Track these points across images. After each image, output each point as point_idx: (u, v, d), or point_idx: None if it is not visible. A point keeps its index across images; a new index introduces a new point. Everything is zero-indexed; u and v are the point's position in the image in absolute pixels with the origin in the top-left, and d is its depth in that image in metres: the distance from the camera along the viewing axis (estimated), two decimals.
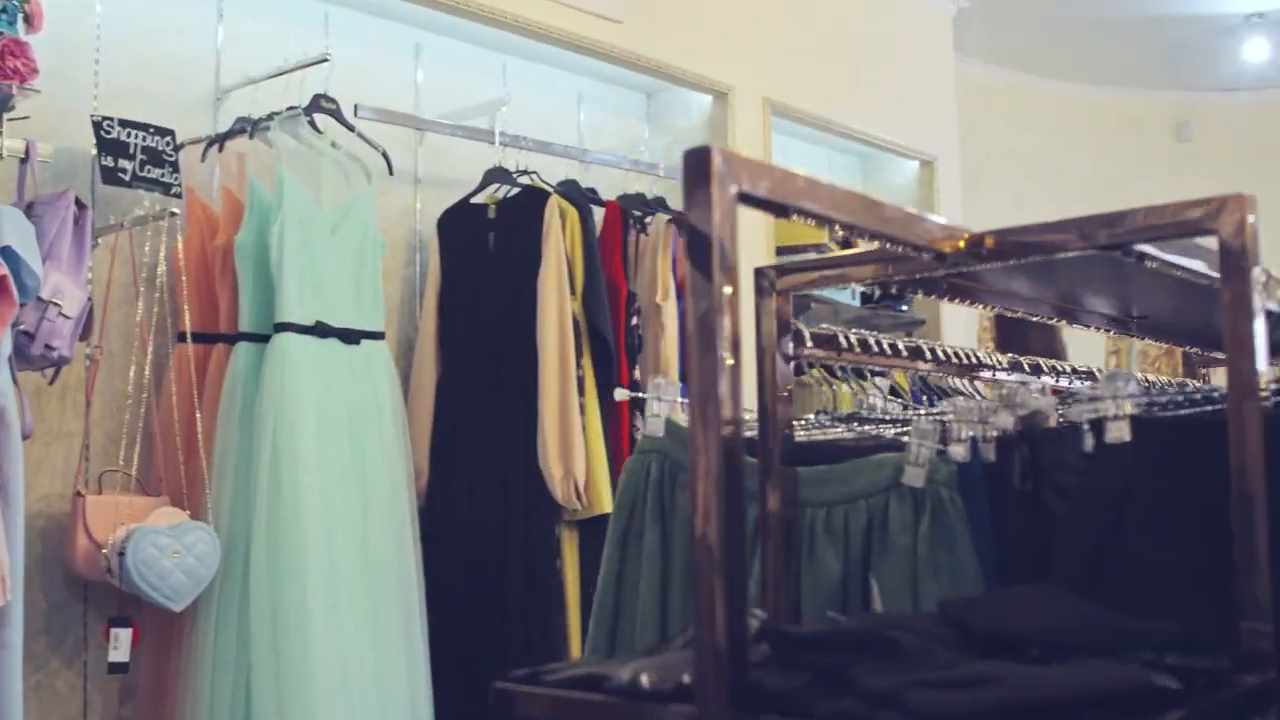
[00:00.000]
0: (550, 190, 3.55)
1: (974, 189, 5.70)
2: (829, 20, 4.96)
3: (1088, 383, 2.22)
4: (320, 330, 3.02)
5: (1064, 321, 1.76)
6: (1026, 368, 2.19)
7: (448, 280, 3.58)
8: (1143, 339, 1.96)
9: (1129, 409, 1.23)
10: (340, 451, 3.00)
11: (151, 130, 2.94)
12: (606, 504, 3.43)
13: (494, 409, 3.47)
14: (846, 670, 0.92)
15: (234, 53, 3.33)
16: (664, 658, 1.09)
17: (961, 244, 1.27)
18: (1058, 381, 2.27)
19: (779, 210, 1.04)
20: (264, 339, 2.98)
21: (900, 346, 1.90)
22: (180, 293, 2.96)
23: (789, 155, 4.70)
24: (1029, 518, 1.35)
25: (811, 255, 4.56)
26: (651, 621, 1.54)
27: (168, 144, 2.97)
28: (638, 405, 3.71)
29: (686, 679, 0.98)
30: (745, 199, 0.98)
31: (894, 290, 5.12)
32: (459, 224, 3.62)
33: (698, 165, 0.95)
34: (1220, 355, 2.23)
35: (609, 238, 3.69)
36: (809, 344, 1.60)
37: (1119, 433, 1.23)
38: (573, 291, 3.48)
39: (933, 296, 1.53)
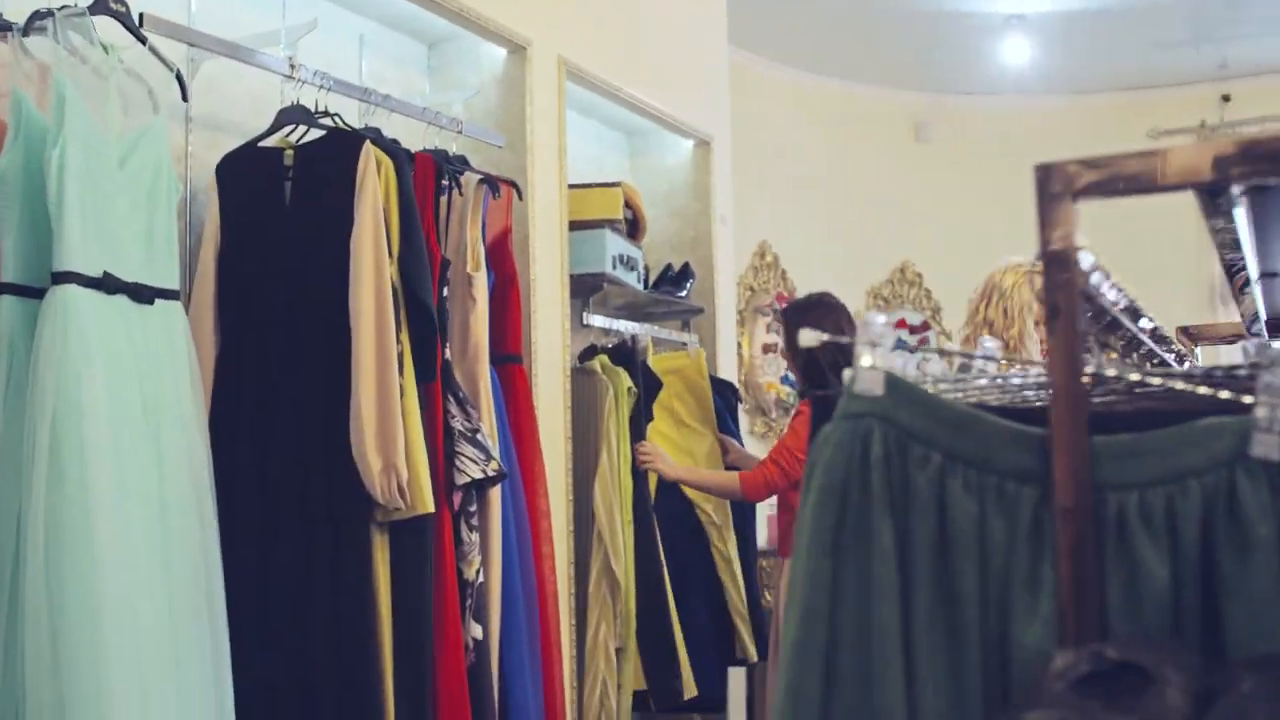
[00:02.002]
0: (364, 135, 3.04)
1: (735, 175, 5.49)
2: None
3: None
4: (109, 284, 2.41)
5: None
6: None
7: (230, 237, 3.01)
8: None
9: None
10: (135, 434, 2.41)
11: None
12: (428, 501, 2.95)
13: (291, 390, 2.93)
14: None
15: None
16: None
17: None
18: None
19: None
20: (35, 292, 2.35)
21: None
22: None
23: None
24: None
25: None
26: (895, 655, 1.09)
27: None
28: (450, 389, 3.25)
29: None
30: None
31: (686, 274, 4.81)
32: (246, 171, 3.05)
33: None
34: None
35: (420, 196, 3.21)
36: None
37: None
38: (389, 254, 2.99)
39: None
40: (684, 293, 4.79)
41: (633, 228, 4.49)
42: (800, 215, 6.89)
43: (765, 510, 5.00)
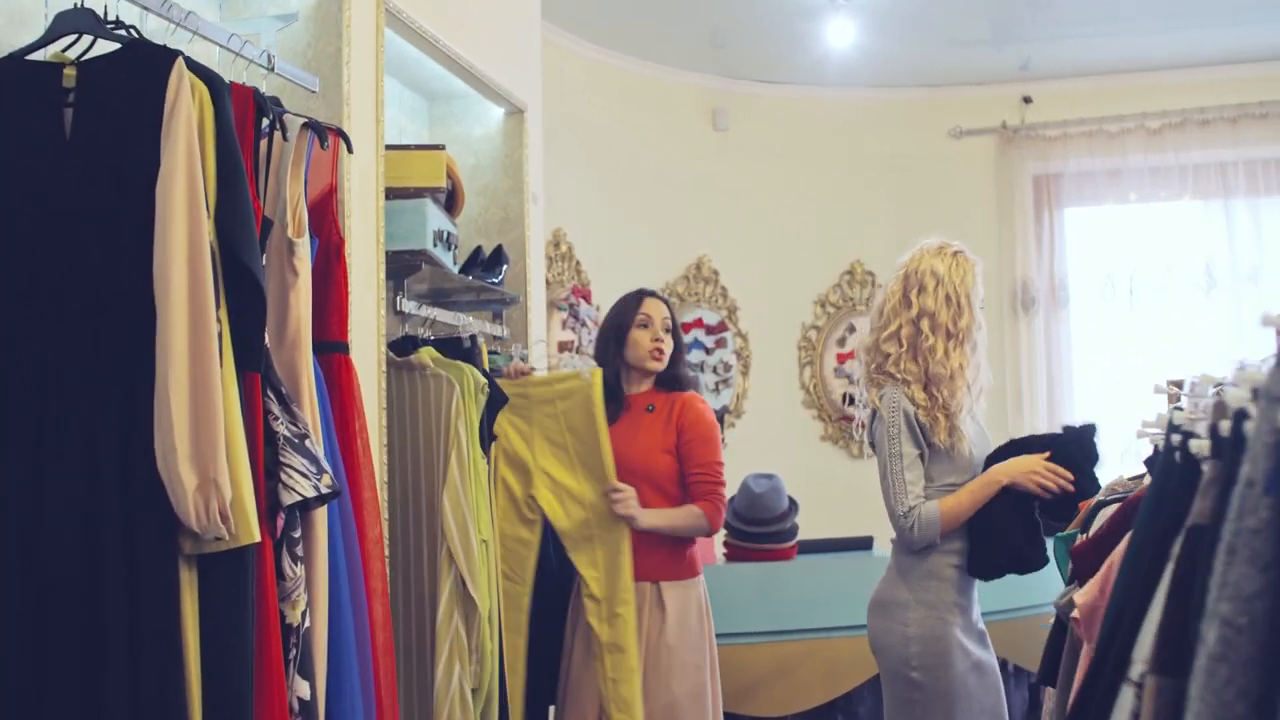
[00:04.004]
0: (175, 52, 2.34)
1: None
2: None
3: None
4: None
5: None
6: None
7: None
8: None
9: None
10: None
11: None
12: (254, 529, 2.29)
13: (72, 382, 2.23)
14: None
15: None
16: None
17: None
18: None
19: None
20: None
21: None
22: None
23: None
24: None
25: None
26: None
27: None
28: (270, 383, 2.58)
29: None
30: None
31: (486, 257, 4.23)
32: (10, 92, 2.32)
33: None
34: None
35: (239, 136, 2.53)
36: None
37: None
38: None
39: None
40: (498, 279, 4.21)
41: (450, 200, 3.88)
42: (595, 204, 6.36)
43: None
